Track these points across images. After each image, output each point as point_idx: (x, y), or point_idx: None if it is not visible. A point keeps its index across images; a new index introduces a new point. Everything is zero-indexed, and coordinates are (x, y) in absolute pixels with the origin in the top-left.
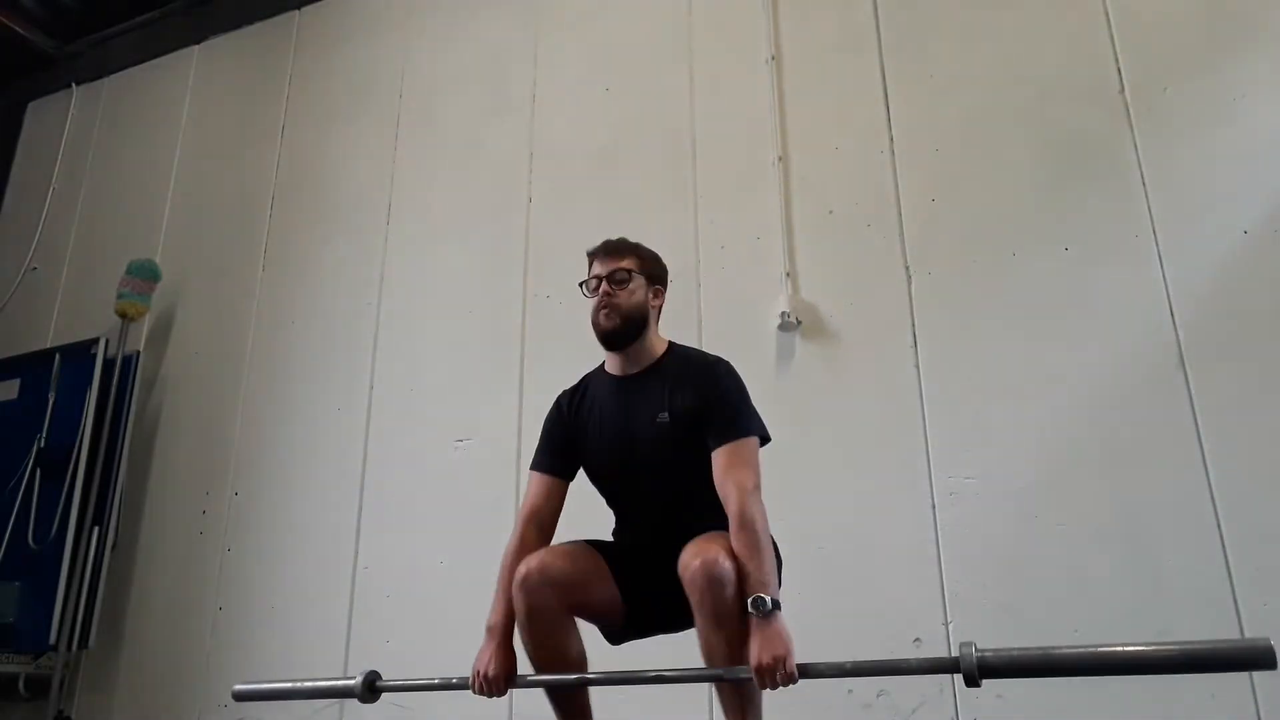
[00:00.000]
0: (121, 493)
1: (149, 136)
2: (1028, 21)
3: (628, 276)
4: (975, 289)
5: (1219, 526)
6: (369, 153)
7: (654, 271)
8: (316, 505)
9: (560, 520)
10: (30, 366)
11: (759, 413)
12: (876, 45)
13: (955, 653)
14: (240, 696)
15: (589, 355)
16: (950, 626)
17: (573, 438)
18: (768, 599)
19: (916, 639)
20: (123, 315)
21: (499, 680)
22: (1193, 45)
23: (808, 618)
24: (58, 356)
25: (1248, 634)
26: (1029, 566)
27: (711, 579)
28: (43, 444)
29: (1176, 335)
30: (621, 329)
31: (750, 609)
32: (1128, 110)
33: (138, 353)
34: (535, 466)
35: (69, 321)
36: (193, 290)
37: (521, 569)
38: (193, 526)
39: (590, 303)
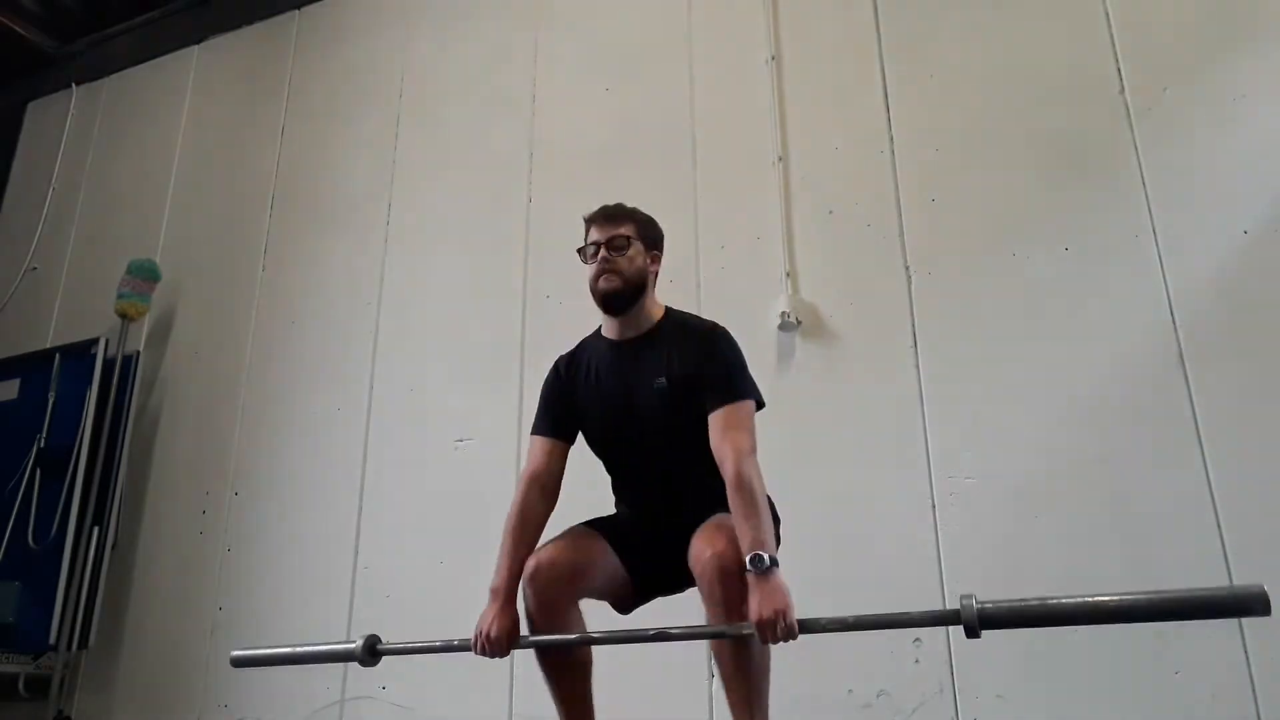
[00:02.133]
0: (121, 493)
1: (149, 136)
2: (1028, 21)
3: (626, 243)
4: (975, 289)
5: (1219, 526)
6: (369, 153)
7: (651, 236)
8: (316, 505)
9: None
10: (30, 366)
11: (754, 380)
12: (876, 45)
13: (955, 657)
14: (238, 662)
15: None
16: (950, 627)
17: (571, 402)
18: (765, 556)
19: (916, 639)
20: (123, 315)
21: (501, 640)
22: (1193, 45)
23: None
24: (58, 356)
25: (1248, 635)
26: (1029, 566)
27: (723, 570)
28: (43, 444)
29: (1176, 335)
30: (621, 291)
31: (749, 566)
32: (1128, 110)
33: (138, 353)
34: (536, 431)
35: (69, 321)
36: (193, 290)
37: (531, 563)
38: (193, 526)
39: (588, 270)
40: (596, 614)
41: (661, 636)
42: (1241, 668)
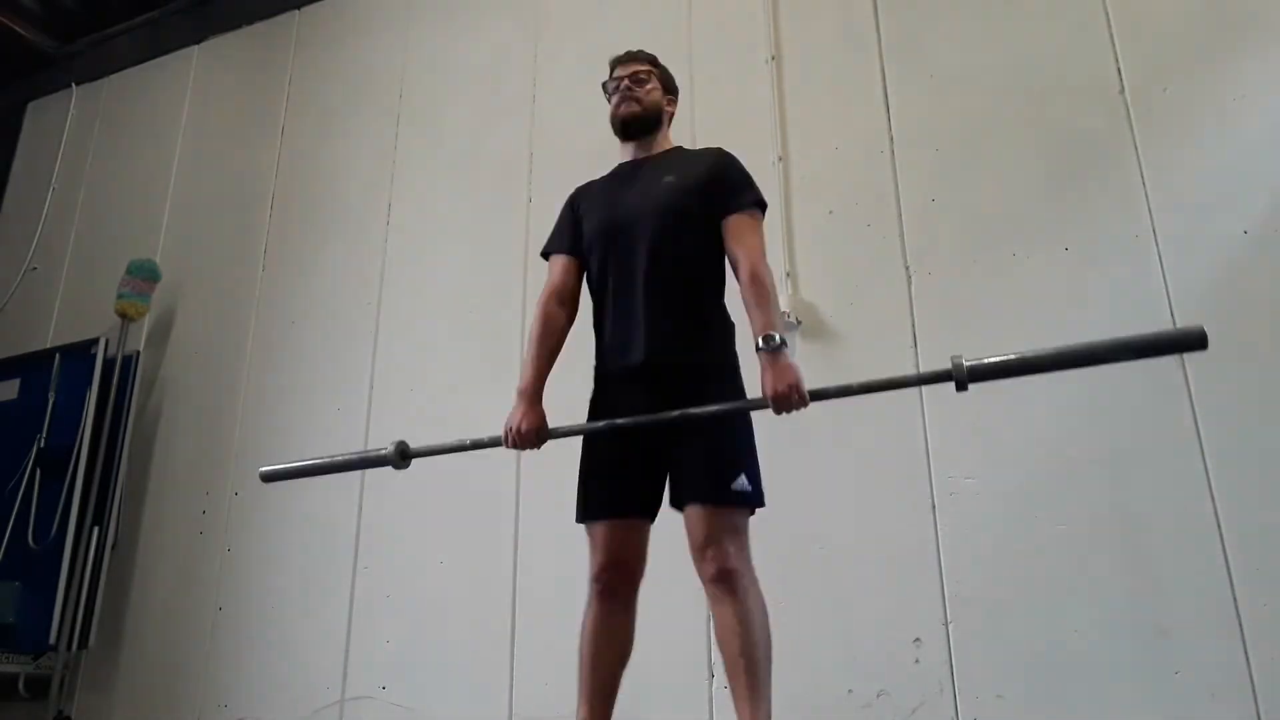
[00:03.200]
0: (121, 493)
1: (149, 136)
2: (1028, 21)
3: (648, 77)
4: (975, 289)
5: (1219, 526)
6: (369, 153)
7: (668, 81)
8: (317, 505)
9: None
10: (30, 366)
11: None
12: (876, 45)
13: (955, 658)
14: (268, 477)
15: (588, 355)
16: (950, 626)
17: (581, 218)
18: (776, 335)
19: (916, 639)
20: (123, 315)
21: (531, 434)
22: (1193, 45)
23: (808, 617)
24: (58, 356)
25: (1249, 636)
26: (1029, 566)
27: (721, 571)
28: (43, 444)
29: None
30: (641, 115)
31: (761, 345)
32: (1128, 110)
33: (138, 353)
34: (551, 249)
35: (69, 321)
36: (193, 290)
37: (596, 564)
38: (193, 526)
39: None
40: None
41: (685, 417)
42: (1241, 668)
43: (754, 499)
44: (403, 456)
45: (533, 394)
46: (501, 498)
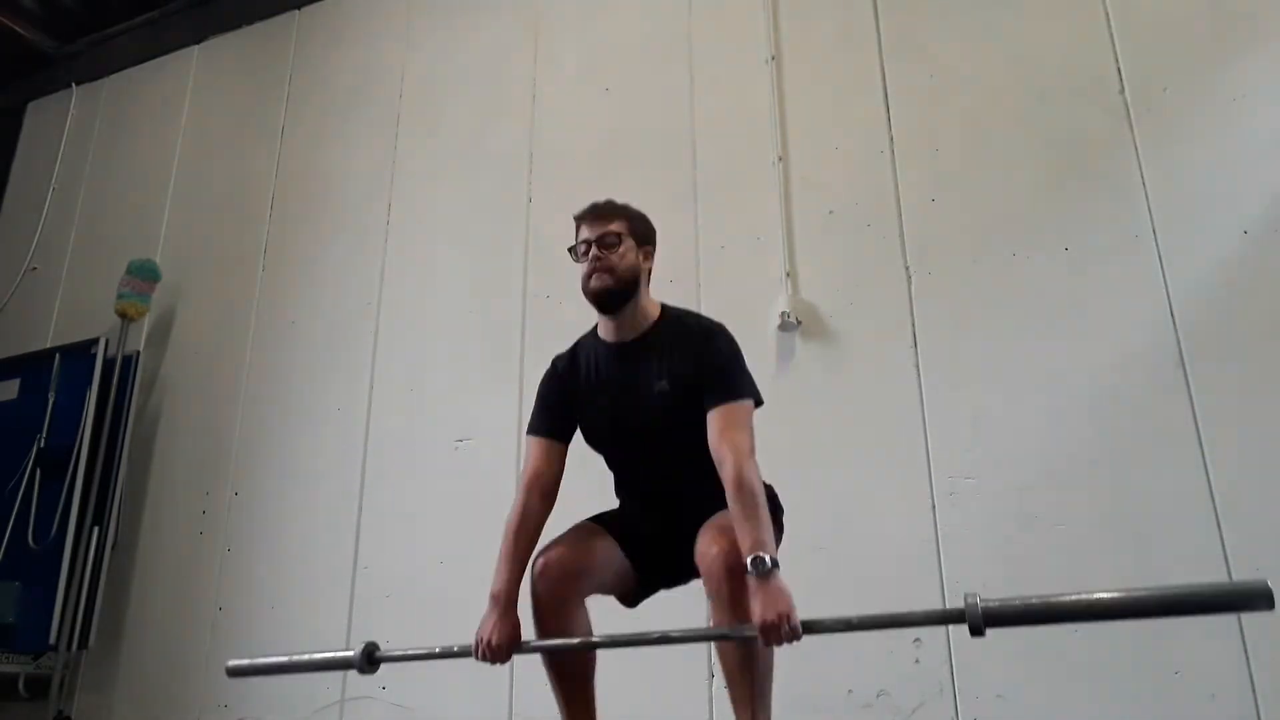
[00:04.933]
0: (121, 493)
1: (149, 136)
2: (1028, 22)
3: (617, 240)
4: (975, 289)
5: (1219, 526)
6: (369, 152)
7: (643, 232)
8: (317, 505)
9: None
10: (30, 366)
11: (753, 378)
12: (876, 45)
13: (955, 657)
14: (235, 672)
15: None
16: (950, 626)
17: (570, 402)
18: (766, 558)
19: (916, 639)
20: (123, 315)
21: (503, 647)
22: (1193, 45)
23: (808, 618)
24: (58, 356)
25: (1248, 637)
26: (1029, 566)
27: (729, 569)
28: (43, 444)
29: (1176, 335)
30: (615, 289)
31: (750, 569)
32: (1128, 110)
33: (138, 353)
34: (533, 432)
35: (69, 321)
36: (193, 290)
37: (539, 561)
38: (193, 526)
39: (579, 269)
40: (600, 613)
41: (665, 640)
42: (1241, 668)
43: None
44: (369, 661)
45: (507, 601)
46: (502, 497)
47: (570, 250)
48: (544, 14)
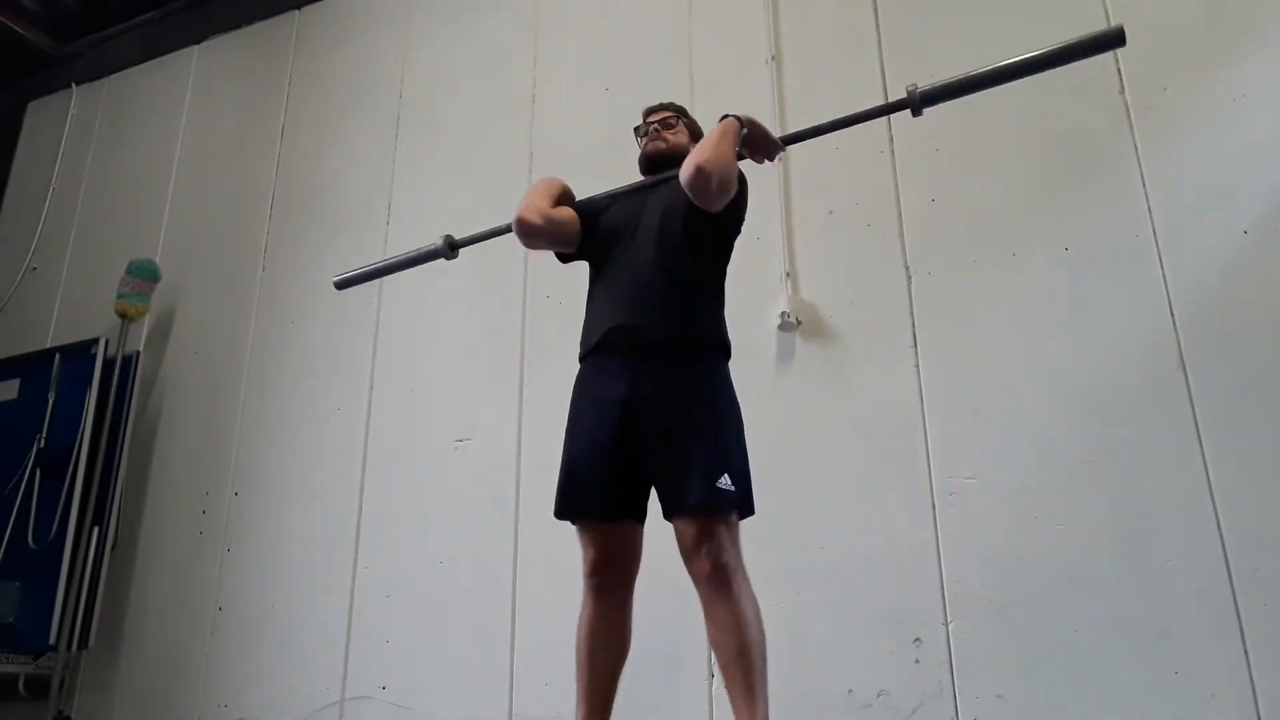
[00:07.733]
0: (121, 493)
1: (149, 136)
2: (1028, 21)
3: (675, 121)
4: (975, 289)
5: (1219, 526)
6: (369, 153)
7: (696, 129)
8: (316, 505)
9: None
10: (30, 366)
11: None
12: (876, 45)
13: (955, 657)
14: (343, 284)
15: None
16: (950, 626)
17: (593, 211)
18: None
19: (916, 639)
20: (123, 315)
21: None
22: (1193, 45)
23: (808, 617)
24: (58, 356)
25: (1249, 636)
26: (1029, 566)
27: (719, 571)
28: (43, 444)
29: (1176, 335)
30: (665, 153)
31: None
32: (1128, 110)
33: (138, 353)
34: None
35: (69, 321)
36: (193, 290)
37: (591, 578)
38: (193, 526)
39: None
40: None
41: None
42: (1241, 668)
43: (739, 500)
44: (451, 248)
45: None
46: (501, 498)
47: (635, 130)
48: (544, 14)
